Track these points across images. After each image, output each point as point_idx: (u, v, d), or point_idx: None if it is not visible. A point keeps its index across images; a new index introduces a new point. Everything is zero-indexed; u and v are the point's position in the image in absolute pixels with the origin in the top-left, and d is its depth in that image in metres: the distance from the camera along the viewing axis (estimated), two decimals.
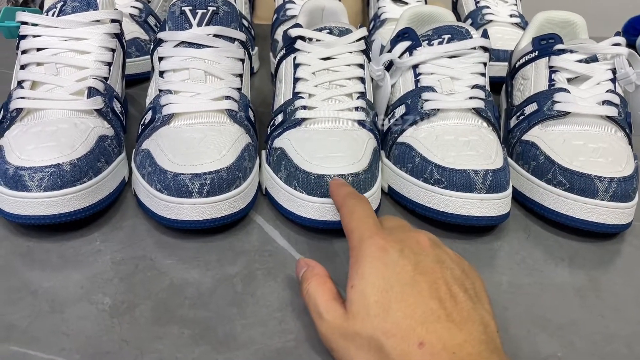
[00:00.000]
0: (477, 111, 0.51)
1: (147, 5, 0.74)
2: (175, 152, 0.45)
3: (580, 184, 0.46)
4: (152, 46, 0.53)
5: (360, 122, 0.50)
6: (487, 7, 0.80)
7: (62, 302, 0.39)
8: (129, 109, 0.63)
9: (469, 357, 0.30)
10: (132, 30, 0.71)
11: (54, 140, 0.44)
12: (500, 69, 0.71)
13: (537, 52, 0.57)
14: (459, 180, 0.45)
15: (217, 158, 0.45)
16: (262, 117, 0.62)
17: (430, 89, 0.52)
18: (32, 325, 0.37)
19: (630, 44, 0.87)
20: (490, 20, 0.79)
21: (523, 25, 0.79)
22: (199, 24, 0.51)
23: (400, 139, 0.51)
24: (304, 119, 0.50)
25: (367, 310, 0.32)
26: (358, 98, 0.52)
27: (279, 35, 0.74)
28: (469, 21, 0.81)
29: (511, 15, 0.80)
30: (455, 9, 0.88)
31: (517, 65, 0.59)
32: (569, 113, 0.52)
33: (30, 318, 0.37)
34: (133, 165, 0.49)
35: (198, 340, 0.37)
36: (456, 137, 0.49)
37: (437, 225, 0.48)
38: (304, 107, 0.50)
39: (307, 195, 0.45)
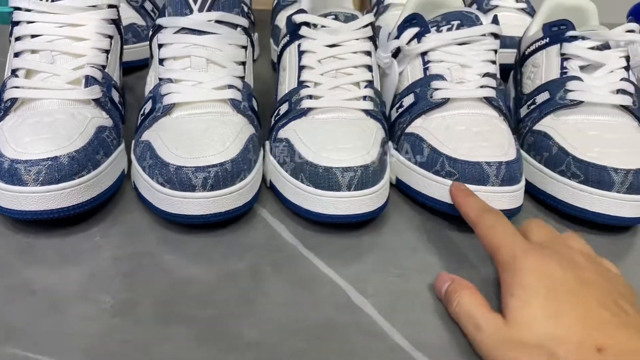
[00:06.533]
0: (488, 100, 0.50)
1: None
2: (178, 144, 0.43)
3: (596, 175, 0.45)
4: (150, 32, 0.51)
5: (368, 112, 0.48)
6: None
7: (62, 302, 0.37)
8: (126, 97, 0.61)
9: None
10: (128, 16, 0.68)
11: (51, 132, 0.42)
12: (507, 56, 0.69)
13: (548, 39, 0.55)
14: (472, 173, 0.44)
15: (221, 150, 0.43)
16: (263, 107, 0.60)
17: (440, 77, 0.50)
18: (32, 326, 0.35)
19: None
20: (496, 6, 0.76)
21: (529, 10, 0.77)
22: (200, 10, 0.49)
23: (409, 130, 0.50)
24: (310, 109, 0.48)
25: (533, 318, 0.32)
26: (366, 87, 0.50)
27: (280, 21, 0.71)
28: (474, 6, 0.79)
29: (517, 1, 0.78)
30: None
31: (526, 53, 0.58)
32: (582, 102, 0.50)
33: (30, 318, 0.36)
34: (133, 157, 0.47)
35: (204, 340, 0.35)
36: (467, 127, 0.47)
37: (449, 219, 0.47)
38: (310, 97, 0.49)
39: (315, 189, 0.43)
